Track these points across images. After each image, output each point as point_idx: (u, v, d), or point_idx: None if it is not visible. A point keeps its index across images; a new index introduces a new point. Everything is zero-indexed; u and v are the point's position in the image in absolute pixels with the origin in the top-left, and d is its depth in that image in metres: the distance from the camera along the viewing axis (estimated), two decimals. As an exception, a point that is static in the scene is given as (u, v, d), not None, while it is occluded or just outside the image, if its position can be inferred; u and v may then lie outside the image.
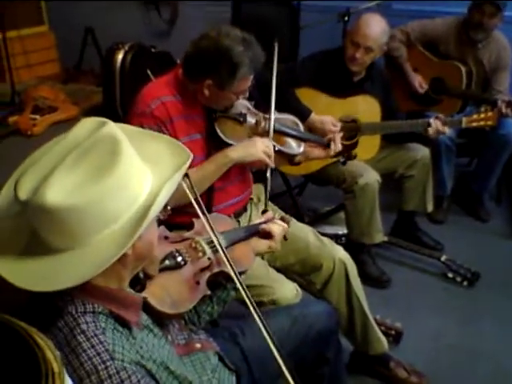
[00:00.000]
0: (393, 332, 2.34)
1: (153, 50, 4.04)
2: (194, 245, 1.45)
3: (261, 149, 1.88)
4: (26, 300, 1.07)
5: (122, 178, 0.99)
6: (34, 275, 0.99)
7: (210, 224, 1.39)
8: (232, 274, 1.35)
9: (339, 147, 2.21)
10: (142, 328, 1.15)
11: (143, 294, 1.20)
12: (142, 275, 1.21)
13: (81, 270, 0.98)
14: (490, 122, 2.68)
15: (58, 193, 0.95)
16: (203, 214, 1.40)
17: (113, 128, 1.03)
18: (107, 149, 0.99)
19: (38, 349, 0.77)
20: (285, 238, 1.73)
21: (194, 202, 1.39)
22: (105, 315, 1.05)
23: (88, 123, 1.04)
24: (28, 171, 0.99)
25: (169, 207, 1.13)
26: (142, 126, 1.71)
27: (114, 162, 0.99)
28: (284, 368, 1.23)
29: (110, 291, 1.08)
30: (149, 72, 2.67)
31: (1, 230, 1.06)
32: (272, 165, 1.94)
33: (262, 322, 1.27)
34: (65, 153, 0.99)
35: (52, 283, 0.97)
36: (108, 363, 0.98)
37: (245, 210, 2.08)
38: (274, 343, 1.25)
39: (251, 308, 1.29)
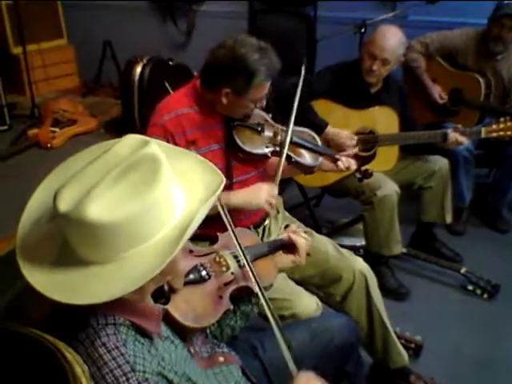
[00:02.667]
0: (413, 345, 2.32)
1: (170, 62, 4.08)
2: (218, 259, 1.46)
3: (264, 198, 1.86)
4: (50, 314, 1.08)
5: (159, 197, 1.00)
6: (64, 287, 0.99)
7: (237, 239, 1.40)
8: (257, 289, 1.35)
9: (347, 165, 2.16)
10: (163, 339, 1.15)
11: (167, 307, 1.21)
12: (166, 288, 1.21)
13: (111, 286, 0.98)
14: (509, 132, 2.66)
15: (100, 208, 0.96)
16: (231, 227, 1.40)
17: (155, 148, 1.04)
18: (148, 168, 1.00)
19: (67, 363, 0.78)
20: (307, 253, 1.72)
21: (223, 215, 1.39)
22: (126, 326, 1.06)
23: (130, 141, 1.05)
24: (69, 184, 1.00)
25: None
26: (151, 137, 1.72)
27: (154, 181, 1.00)
28: None
29: (130, 303, 1.08)
30: (167, 84, 2.69)
31: (34, 236, 1.07)
32: (272, 213, 1.94)
33: (284, 338, 1.27)
34: (106, 169, 1.00)
35: (81, 296, 0.98)
36: (129, 375, 0.99)
37: (263, 221, 2.08)
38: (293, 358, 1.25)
39: (273, 324, 1.29)
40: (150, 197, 0.99)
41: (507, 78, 3.21)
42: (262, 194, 1.87)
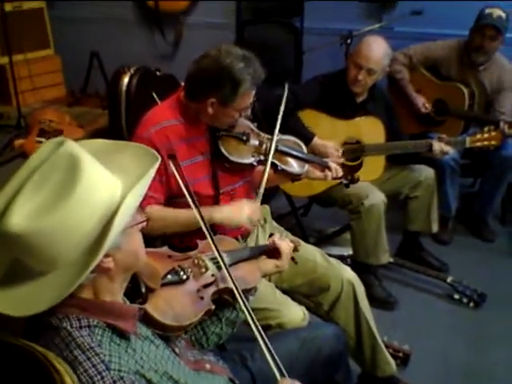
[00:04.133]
0: (400, 354, 2.33)
1: (158, 73, 4.07)
2: (196, 261, 1.47)
3: (246, 215, 1.84)
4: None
5: (86, 192, 1.00)
6: (15, 301, 1.00)
7: (212, 239, 1.41)
8: (233, 287, 1.35)
9: (335, 174, 2.20)
10: (142, 339, 1.15)
11: (145, 307, 1.21)
12: (143, 289, 1.22)
13: (56, 290, 0.99)
14: (493, 142, 2.70)
15: (22, 218, 0.95)
16: (207, 230, 1.41)
17: (70, 145, 1.03)
18: (66, 166, 1.00)
19: (57, 374, 0.77)
20: (294, 260, 1.73)
21: (200, 220, 1.40)
22: (101, 328, 1.06)
23: (46, 145, 1.05)
24: None
25: (145, 216, 1.15)
26: None
27: (76, 177, 0.99)
28: None
29: (103, 304, 1.09)
30: (154, 95, 2.69)
31: None
32: (251, 231, 1.94)
33: (263, 339, 1.28)
34: (25, 178, 1.00)
35: (31, 307, 0.98)
36: (104, 373, 0.99)
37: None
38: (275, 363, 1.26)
39: (251, 322, 1.30)
40: (75, 195, 0.98)
41: (490, 87, 3.25)
42: (244, 211, 1.84)
